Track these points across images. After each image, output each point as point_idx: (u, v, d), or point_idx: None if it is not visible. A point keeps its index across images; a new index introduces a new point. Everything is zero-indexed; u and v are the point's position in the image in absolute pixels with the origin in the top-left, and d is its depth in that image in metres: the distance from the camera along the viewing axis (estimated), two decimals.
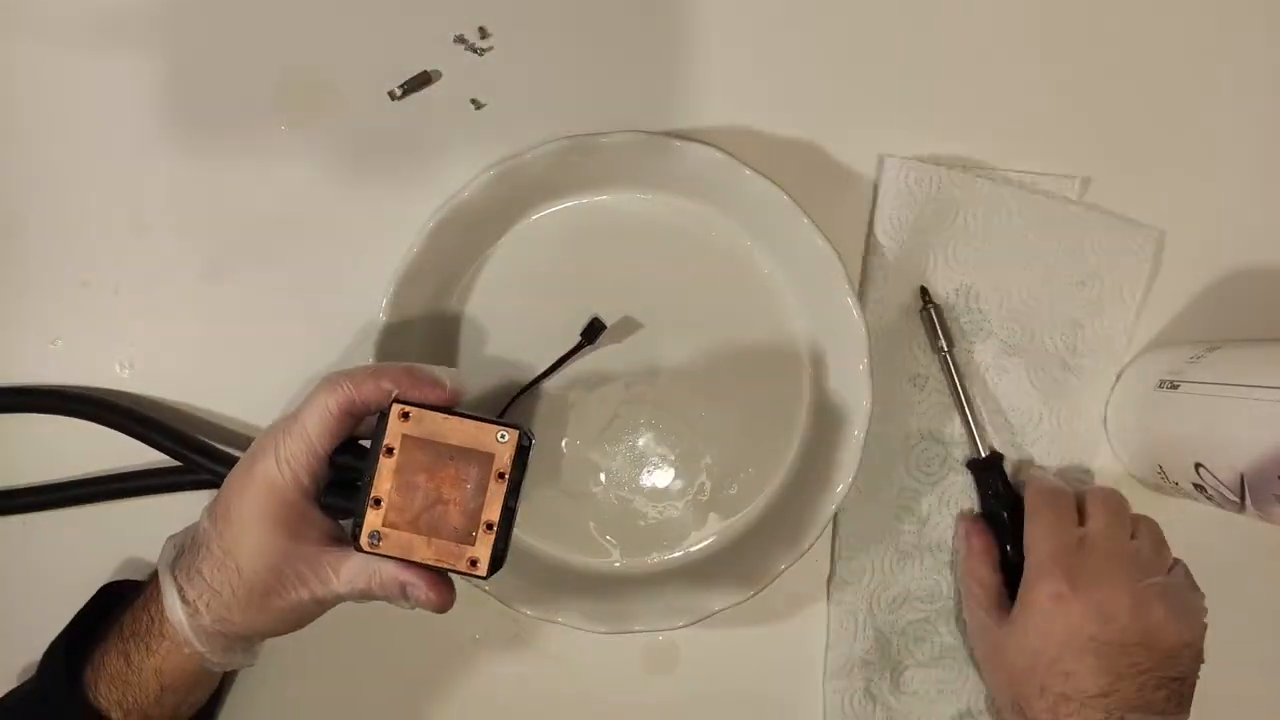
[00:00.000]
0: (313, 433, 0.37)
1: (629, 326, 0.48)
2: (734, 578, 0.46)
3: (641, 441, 0.49)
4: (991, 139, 0.49)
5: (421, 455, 0.37)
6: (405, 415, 0.37)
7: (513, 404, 0.47)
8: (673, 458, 0.49)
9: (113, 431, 0.47)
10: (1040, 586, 0.43)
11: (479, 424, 0.37)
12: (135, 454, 0.48)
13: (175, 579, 0.39)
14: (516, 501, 0.38)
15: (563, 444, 0.49)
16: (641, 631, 0.46)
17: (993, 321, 0.49)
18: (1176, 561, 0.45)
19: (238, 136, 0.48)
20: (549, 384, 0.48)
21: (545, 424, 0.48)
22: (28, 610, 0.49)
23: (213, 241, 0.49)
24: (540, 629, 0.46)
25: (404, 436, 0.37)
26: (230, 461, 0.46)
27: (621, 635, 0.46)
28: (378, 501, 0.37)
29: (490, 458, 0.37)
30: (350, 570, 0.38)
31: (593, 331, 0.47)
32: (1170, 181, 0.50)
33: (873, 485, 0.49)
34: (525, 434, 0.38)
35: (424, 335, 0.47)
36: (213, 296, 0.49)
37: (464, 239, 0.47)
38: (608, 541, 0.49)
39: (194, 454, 0.47)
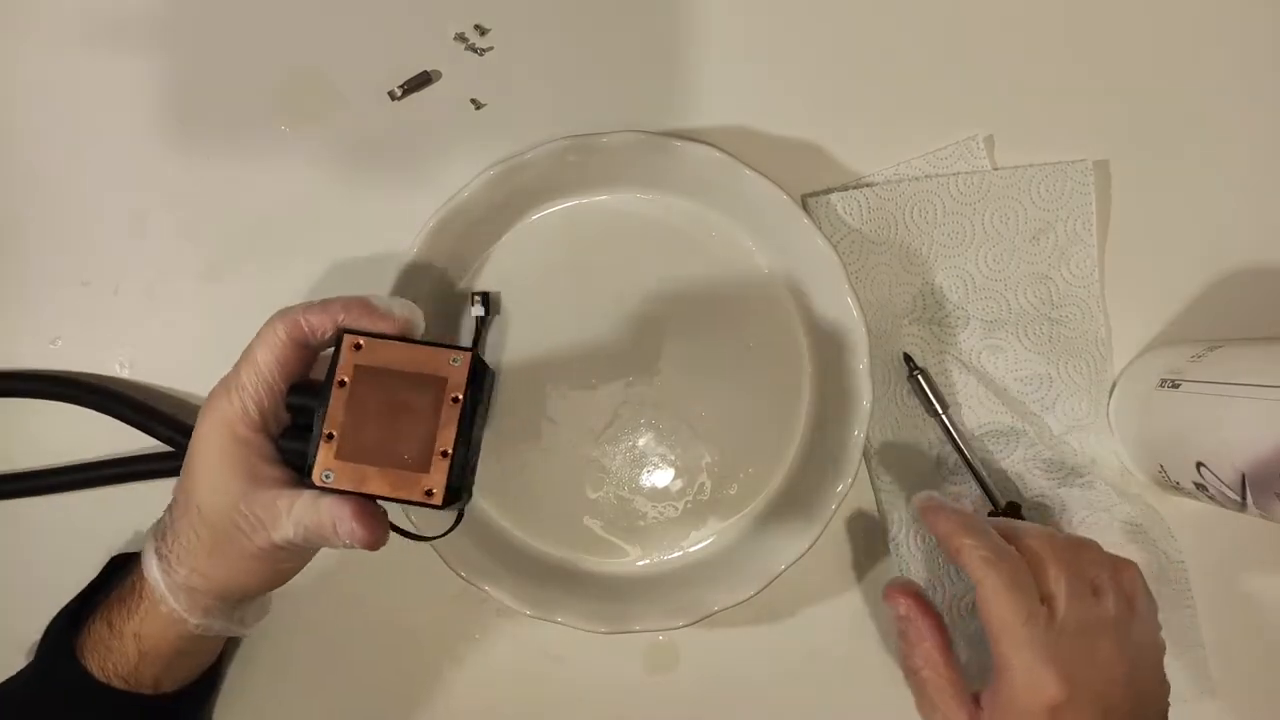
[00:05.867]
0: (262, 362, 0.37)
1: (629, 326, 0.48)
2: (734, 578, 0.46)
3: (641, 441, 0.49)
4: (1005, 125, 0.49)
5: (374, 385, 0.36)
6: (358, 346, 0.36)
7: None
8: (673, 458, 0.49)
9: (108, 419, 0.47)
10: (1028, 692, 0.37)
11: (432, 349, 0.36)
12: (131, 441, 0.48)
13: (153, 537, 0.39)
14: (479, 430, 0.37)
15: (563, 444, 0.49)
16: (641, 631, 0.46)
17: (967, 307, 0.49)
18: (1128, 573, 0.40)
19: (238, 137, 0.48)
20: (547, 383, 0.48)
21: (544, 424, 0.48)
22: (21, 596, 0.49)
23: (213, 241, 0.49)
24: (540, 629, 0.46)
25: (356, 367, 0.36)
26: None
27: (621, 635, 0.46)
28: (330, 436, 0.36)
29: (443, 381, 0.36)
30: (299, 509, 0.36)
31: (485, 303, 0.46)
32: (1171, 181, 0.50)
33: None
34: (478, 356, 0.37)
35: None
36: (213, 296, 0.49)
37: (464, 239, 0.47)
38: (608, 542, 0.49)
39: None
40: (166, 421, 0.47)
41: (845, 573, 0.50)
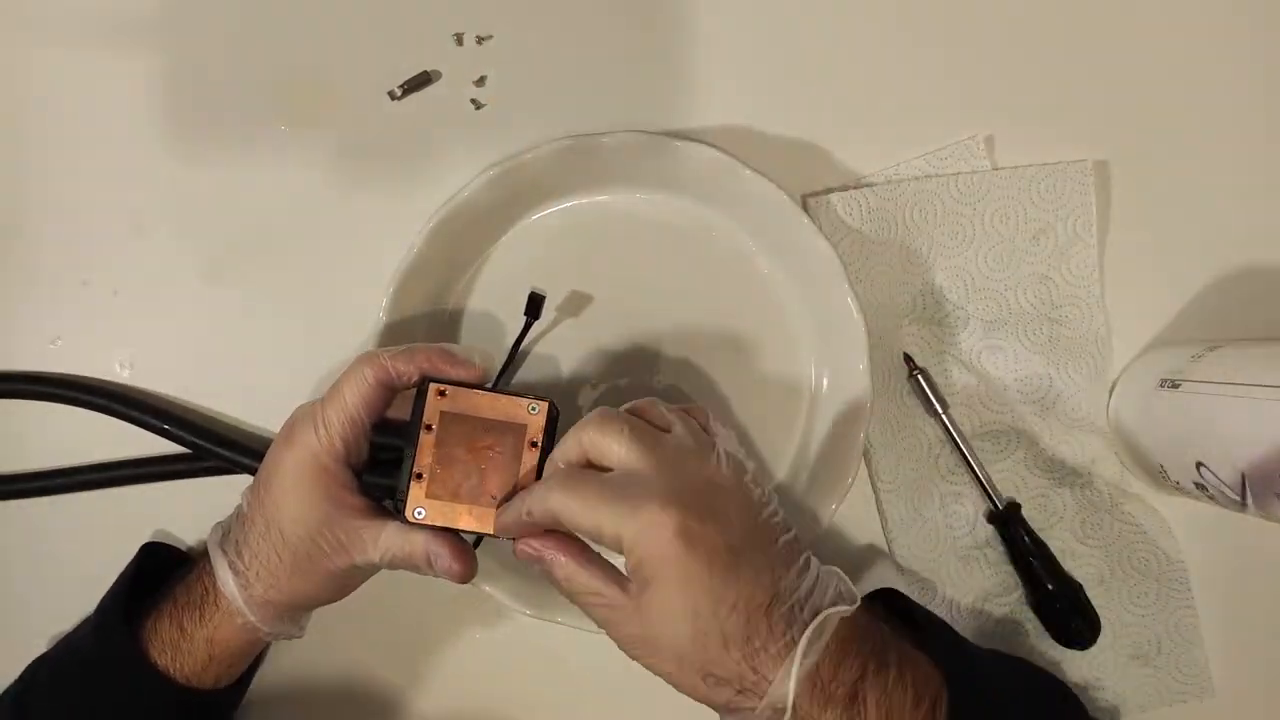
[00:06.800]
0: (350, 401, 0.39)
1: (628, 326, 0.48)
2: None
3: None
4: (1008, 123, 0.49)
5: (459, 430, 0.39)
6: (442, 393, 0.39)
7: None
8: None
9: (109, 419, 0.47)
10: (648, 534, 0.34)
11: (511, 398, 0.40)
12: (130, 441, 0.48)
13: (225, 554, 0.41)
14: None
15: None
16: None
17: (967, 307, 0.49)
18: (685, 412, 0.39)
19: (238, 137, 0.48)
20: (547, 383, 0.48)
21: None
22: (22, 595, 0.49)
23: (213, 242, 0.49)
24: (540, 629, 0.46)
25: (442, 413, 0.39)
26: (243, 449, 0.47)
27: None
28: (419, 476, 0.39)
29: (523, 428, 0.39)
30: (386, 539, 0.39)
31: (535, 306, 0.46)
32: (1171, 181, 0.50)
33: (915, 503, 0.49)
34: (554, 405, 0.40)
35: (424, 335, 0.47)
36: (213, 297, 0.49)
37: (464, 239, 0.47)
38: None
39: (209, 443, 0.47)
40: (170, 420, 0.47)
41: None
